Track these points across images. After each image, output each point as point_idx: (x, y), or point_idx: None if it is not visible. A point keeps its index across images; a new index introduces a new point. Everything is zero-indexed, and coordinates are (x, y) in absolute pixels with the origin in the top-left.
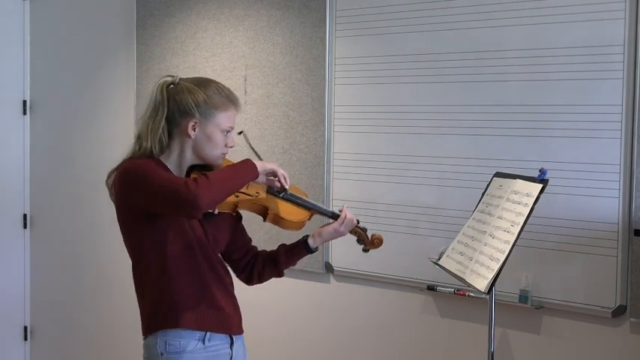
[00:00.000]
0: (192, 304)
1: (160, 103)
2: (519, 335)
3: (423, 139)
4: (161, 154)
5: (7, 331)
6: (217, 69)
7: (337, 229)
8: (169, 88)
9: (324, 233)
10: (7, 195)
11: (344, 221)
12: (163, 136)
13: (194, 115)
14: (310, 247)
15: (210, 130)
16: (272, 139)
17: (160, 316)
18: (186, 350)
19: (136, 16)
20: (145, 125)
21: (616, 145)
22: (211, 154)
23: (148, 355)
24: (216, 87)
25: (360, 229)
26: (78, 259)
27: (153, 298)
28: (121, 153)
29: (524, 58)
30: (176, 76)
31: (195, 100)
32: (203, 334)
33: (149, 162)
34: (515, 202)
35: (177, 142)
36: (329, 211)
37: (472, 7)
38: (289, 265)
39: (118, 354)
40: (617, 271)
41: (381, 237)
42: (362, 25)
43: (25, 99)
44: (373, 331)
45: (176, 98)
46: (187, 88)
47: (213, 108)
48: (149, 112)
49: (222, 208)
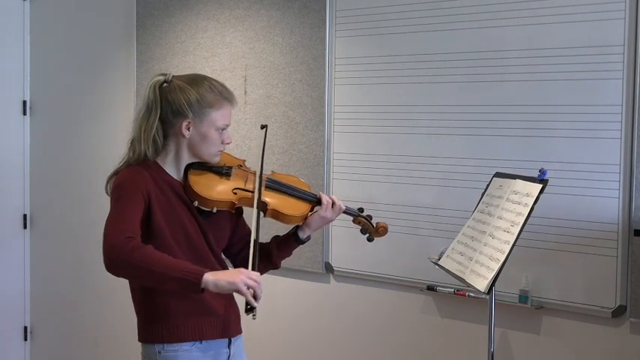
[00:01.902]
0: (185, 316)
1: (152, 103)
2: (519, 335)
3: (423, 139)
4: (156, 156)
5: (7, 331)
6: (217, 69)
7: (322, 215)
8: (162, 87)
9: (311, 222)
10: (7, 195)
11: (326, 206)
12: (158, 136)
13: (187, 115)
14: (300, 238)
15: (204, 129)
16: (272, 139)
17: (154, 331)
18: (182, 348)
19: (136, 16)
20: (139, 127)
21: (616, 145)
22: (207, 152)
23: (145, 352)
24: (209, 84)
25: (364, 217)
26: (78, 259)
27: (146, 310)
28: (120, 153)
29: (524, 58)
30: (169, 74)
31: (187, 99)
32: (199, 341)
33: (134, 182)
34: (515, 202)
35: (172, 142)
36: (315, 198)
37: (472, 7)
38: (283, 257)
39: (117, 354)
40: (617, 271)
41: (386, 225)
42: (362, 25)
43: (25, 99)
44: (373, 331)
45: (168, 98)
46: (180, 87)
47: (206, 107)
48: (142, 113)
49: (221, 207)
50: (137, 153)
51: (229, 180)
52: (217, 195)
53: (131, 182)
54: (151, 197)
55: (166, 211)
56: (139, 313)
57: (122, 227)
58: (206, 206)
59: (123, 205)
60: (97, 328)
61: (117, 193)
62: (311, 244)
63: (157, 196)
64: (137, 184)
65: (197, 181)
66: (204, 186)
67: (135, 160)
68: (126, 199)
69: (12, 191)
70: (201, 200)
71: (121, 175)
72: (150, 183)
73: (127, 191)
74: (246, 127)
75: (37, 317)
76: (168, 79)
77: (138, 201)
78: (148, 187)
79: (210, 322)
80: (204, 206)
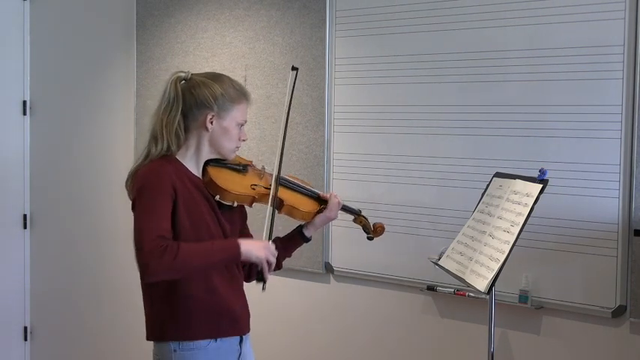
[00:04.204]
0: (204, 313)
1: (174, 99)
2: (519, 335)
3: (423, 139)
4: (178, 150)
5: (7, 331)
6: (217, 69)
7: (328, 215)
8: (182, 84)
9: (316, 221)
10: (7, 195)
11: (332, 206)
12: (180, 130)
13: (212, 107)
14: (306, 236)
15: (227, 123)
16: (272, 139)
17: (171, 328)
18: (198, 346)
19: (136, 16)
20: (160, 121)
21: (616, 145)
22: (227, 147)
23: (159, 351)
24: (230, 81)
25: (364, 217)
26: (78, 259)
27: (162, 308)
28: (120, 154)
29: (524, 58)
30: (188, 72)
31: (213, 93)
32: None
33: (161, 178)
34: (515, 202)
35: (194, 136)
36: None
37: (472, 7)
38: (286, 256)
39: (118, 354)
40: (617, 271)
41: (382, 225)
42: (362, 26)
43: (25, 99)
44: (373, 331)
45: (192, 92)
46: (203, 82)
47: (229, 101)
48: (162, 108)
49: (241, 201)
50: (160, 147)
51: (246, 176)
52: (240, 189)
53: (158, 178)
54: (177, 192)
55: (190, 205)
56: (152, 312)
57: (156, 231)
58: (227, 200)
59: (153, 203)
60: (97, 328)
61: (145, 191)
62: (311, 244)
63: (182, 191)
64: (164, 179)
65: (218, 176)
66: (226, 180)
67: (157, 155)
68: (155, 197)
69: (12, 191)
70: (224, 194)
71: (146, 170)
72: (174, 177)
73: (155, 188)
74: (246, 128)
75: (37, 317)
76: (187, 77)
77: (166, 197)
78: (174, 182)
79: (228, 320)
80: (225, 200)
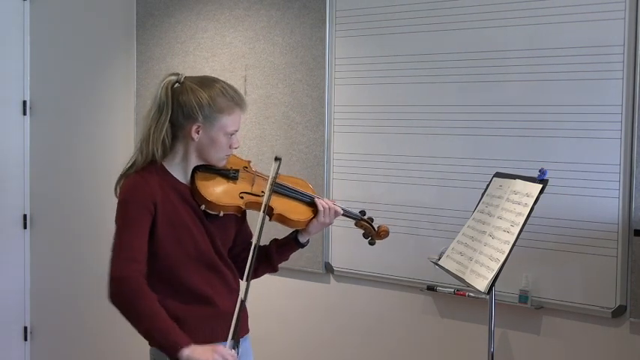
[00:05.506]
0: (199, 320)
1: (164, 104)
2: (519, 335)
3: (423, 140)
4: (164, 157)
5: (7, 331)
6: (217, 69)
7: (321, 221)
8: (174, 88)
9: (310, 228)
10: (7, 195)
11: (323, 213)
12: (167, 138)
13: (197, 118)
14: (300, 242)
15: (214, 133)
16: (272, 139)
17: None
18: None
19: (136, 16)
20: (148, 127)
21: (616, 145)
22: (215, 156)
23: (156, 355)
24: (221, 88)
25: (366, 221)
26: (78, 259)
27: None
28: (120, 154)
29: (524, 58)
30: (181, 75)
31: (199, 103)
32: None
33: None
34: (515, 202)
35: (180, 144)
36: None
37: (472, 7)
38: (282, 260)
39: (118, 354)
40: (617, 271)
41: (387, 228)
42: (362, 26)
43: (25, 99)
44: (373, 331)
45: (180, 100)
46: (192, 89)
47: (217, 112)
48: (152, 113)
49: (228, 210)
50: (145, 154)
51: (236, 183)
52: (225, 200)
53: (138, 193)
54: (158, 206)
55: (172, 218)
56: None
57: (127, 251)
58: (213, 210)
59: (129, 221)
60: (97, 328)
61: (124, 205)
62: (311, 245)
63: (163, 205)
64: (144, 194)
65: (205, 185)
66: (212, 190)
67: (142, 162)
68: (133, 214)
69: (12, 191)
70: (209, 204)
71: (129, 183)
72: (156, 190)
73: (133, 202)
74: (246, 128)
75: (37, 317)
76: (180, 80)
77: (144, 213)
78: (155, 197)
79: (223, 326)
80: (211, 210)
